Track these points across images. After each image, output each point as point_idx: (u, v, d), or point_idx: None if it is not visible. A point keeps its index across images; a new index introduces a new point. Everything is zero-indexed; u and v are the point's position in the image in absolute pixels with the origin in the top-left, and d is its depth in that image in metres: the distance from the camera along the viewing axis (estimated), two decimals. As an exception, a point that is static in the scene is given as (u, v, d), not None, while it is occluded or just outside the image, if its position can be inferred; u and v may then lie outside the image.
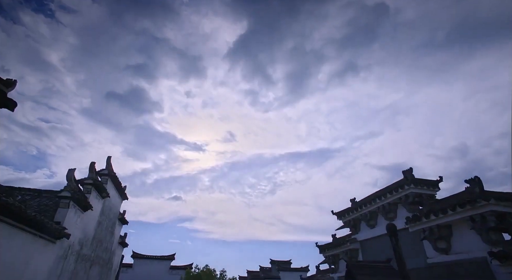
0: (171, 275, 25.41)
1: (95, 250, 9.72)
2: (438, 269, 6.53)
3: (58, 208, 7.30)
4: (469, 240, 6.05)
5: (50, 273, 6.81)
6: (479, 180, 5.70)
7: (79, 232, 8.13)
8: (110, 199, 10.69)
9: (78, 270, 8.44)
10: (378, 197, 8.47)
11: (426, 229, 6.80)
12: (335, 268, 10.51)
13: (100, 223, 9.94)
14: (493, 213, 5.45)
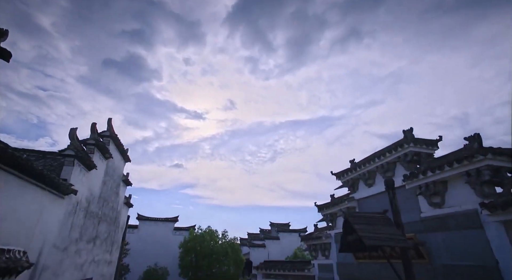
0: (175, 236, 26.76)
1: (102, 208, 10.13)
2: (431, 222, 6.86)
3: (64, 166, 7.46)
4: (463, 194, 6.28)
5: (61, 227, 7.16)
6: (478, 136, 5.75)
7: (85, 190, 8.40)
8: (113, 161, 10.89)
9: (87, 225, 8.87)
10: (377, 156, 8.62)
11: (422, 185, 7.02)
12: (332, 226, 11.04)
13: (105, 183, 10.23)
14: (489, 167, 5.59)
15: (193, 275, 22.84)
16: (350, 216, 5.20)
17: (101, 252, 10.55)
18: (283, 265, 13.58)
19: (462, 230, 6.11)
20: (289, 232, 29.78)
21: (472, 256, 5.85)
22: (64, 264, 7.48)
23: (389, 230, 4.97)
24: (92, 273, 9.76)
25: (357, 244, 5.29)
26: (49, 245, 6.61)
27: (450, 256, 6.31)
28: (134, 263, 22.77)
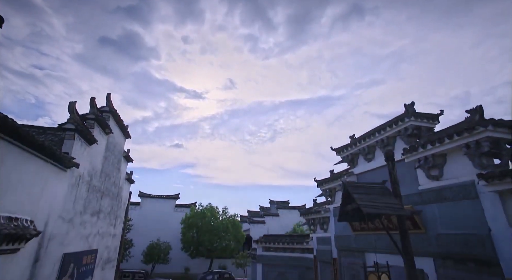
0: (176, 213, 27.38)
1: (104, 183, 10.28)
2: (428, 194, 7.00)
3: (64, 140, 7.47)
4: (461, 167, 6.36)
5: (65, 199, 7.30)
6: (480, 108, 5.73)
7: (87, 164, 8.47)
8: (113, 136, 10.90)
9: (90, 199, 9.04)
10: (378, 131, 8.64)
11: (421, 158, 7.10)
12: (331, 200, 11.28)
13: (106, 158, 10.30)
14: (489, 139, 5.61)
15: (195, 250, 23.71)
16: (350, 186, 5.30)
17: (105, 226, 10.85)
18: (283, 239, 14.04)
19: (458, 201, 6.25)
20: (288, 209, 30.53)
21: (466, 225, 6.03)
22: (70, 234, 7.70)
23: (387, 200, 5.08)
24: (98, 245, 10.09)
25: (356, 213, 5.44)
26: (55, 216, 6.77)
27: (444, 225, 6.50)
28: (137, 239, 23.50)
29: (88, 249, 9.10)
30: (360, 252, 9.32)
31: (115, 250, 12.57)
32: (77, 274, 8.31)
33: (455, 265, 6.27)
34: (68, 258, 7.61)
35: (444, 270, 6.49)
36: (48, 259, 6.60)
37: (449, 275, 6.35)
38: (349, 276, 9.75)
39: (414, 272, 4.80)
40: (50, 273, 6.77)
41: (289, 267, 13.37)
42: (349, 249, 9.89)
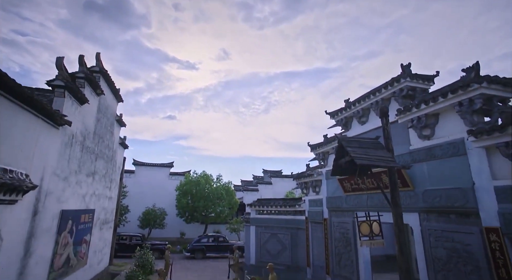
0: (171, 180, 27.74)
1: (98, 145, 10.22)
2: (418, 153, 7.20)
3: (54, 97, 7.26)
4: (452, 126, 6.49)
5: (59, 157, 7.27)
6: (477, 64, 5.71)
7: (79, 123, 8.33)
8: (105, 98, 10.64)
9: (85, 159, 9.03)
10: (373, 93, 8.63)
11: (414, 118, 7.19)
12: (324, 164, 11.55)
13: (99, 120, 10.14)
14: (482, 95, 5.68)
15: (190, 216, 24.45)
16: (343, 139, 5.38)
17: (101, 187, 10.98)
18: (276, 202, 14.53)
19: (446, 158, 6.47)
20: (281, 177, 31.32)
21: (451, 181, 6.30)
22: (66, 192, 7.79)
23: (380, 153, 5.20)
24: (94, 206, 10.28)
25: (349, 167, 5.59)
26: (50, 172, 6.77)
27: (432, 182, 6.78)
28: (133, 205, 24.00)
29: (85, 208, 9.28)
30: (350, 211, 9.75)
31: (111, 212, 12.87)
32: (76, 231, 8.55)
33: (438, 217, 6.66)
34: (66, 215, 7.78)
35: (427, 223, 6.89)
36: (47, 214, 6.72)
37: (431, 227, 6.75)
38: (339, 233, 10.30)
39: (401, 221, 5.06)
40: (50, 227, 6.93)
41: (282, 229, 14.00)
42: (339, 209, 10.34)
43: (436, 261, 6.58)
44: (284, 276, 12.82)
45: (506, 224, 5.19)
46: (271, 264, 9.84)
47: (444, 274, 6.38)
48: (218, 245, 20.42)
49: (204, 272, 16.39)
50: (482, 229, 5.62)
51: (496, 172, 5.52)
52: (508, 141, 5.11)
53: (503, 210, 5.27)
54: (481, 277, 5.62)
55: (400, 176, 7.23)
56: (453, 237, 6.25)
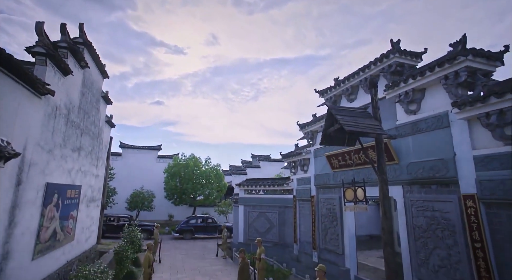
0: (159, 163, 27.47)
1: (83, 121, 9.94)
2: (404, 128, 7.40)
3: (35, 65, 6.94)
4: (438, 100, 6.67)
5: (43, 128, 7.03)
6: (464, 37, 5.82)
7: (63, 95, 8.04)
8: (90, 72, 10.27)
9: (70, 134, 8.79)
10: (362, 70, 8.70)
11: (401, 93, 7.34)
12: (312, 143, 11.71)
13: (84, 94, 9.82)
14: (467, 68, 5.83)
15: (178, 198, 24.46)
16: (333, 108, 5.44)
17: (87, 164, 10.77)
18: (264, 182, 14.72)
19: (430, 131, 6.68)
20: (270, 161, 31.61)
21: (434, 153, 6.54)
22: (51, 165, 7.61)
23: (368, 121, 5.31)
24: (81, 182, 10.12)
25: (338, 136, 5.69)
26: (33, 142, 6.57)
27: (416, 155, 7.02)
28: (121, 187, 23.74)
29: (71, 183, 9.12)
30: (337, 188, 10.02)
31: (98, 191, 12.71)
32: (62, 205, 8.43)
33: (420, 189, 6.94)
34: (52, 188, 7.63)
35: (410, 194, 7.18)
36: (31, 185, 6.57)
37: (414, 198, 7.05)
38: (326, 209, 10.60)
39: (387, 188, 5.25)
40: (35, 199, 6.80)
41: (270, 207, 14.27)
42: (327, 186, 10.59)
43: (416, 229, 6.92)
44: (272, 252, 13.18)
45: (482, 190, 5.47)
46: (259, 239, 10.08)
47: (423, 241, 6.72)
48: (207, 226, 20.65)
49: (192, 250, 16.63)
50: (460, 197, 5.91)
51: (476, 143, 5.77)
52: (489, 111, 5.31)
53: (480, 178, 5.54)
54: (456, 241, 5.97)
55: (386, 150, 7.43)
56: (433, 206, 6.56)
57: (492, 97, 5.18)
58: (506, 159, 5.15)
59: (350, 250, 9.37)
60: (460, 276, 5.85)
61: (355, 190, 5.25)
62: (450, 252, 6.08)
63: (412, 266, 6.97)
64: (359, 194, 5.24)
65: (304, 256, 11.76)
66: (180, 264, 13.33)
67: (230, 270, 12.40)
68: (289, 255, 12.75)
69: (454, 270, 5.98)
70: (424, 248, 6.69)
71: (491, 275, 5.23)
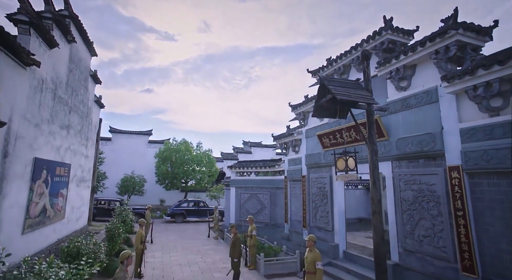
0: (149, 148, 27.21)
1: (71, 98, 9.70)
2: (395, 104, 7.51)
3: (18, 34, 6.66)
4: (428, 76, 6.78)
5: (29, 101, 6.82)
6: (455, 11, 5.87)
7: (49, 69, 7.79)
8: (77, 48, 9.95)
9: (57, 110, 8.57)
10: (355, 48, 8.71)
11: (393, 70, 7.41)
12: (304, 124, 11.78)
13: (71, 71, 9.53)
14: (457, 42, 5.91)
15: (169, 183, 24.43)
16: (325, 79, 5.46)
17: (77, 143, 10.59)
18: (256, 164, 14.82)
19: (420, 107, 6.81)
20: (261, 147, 31.74)
21: (423, 127, 6.69)
22: (39, 140, 7.44)
23: (360, 92, 5.36)
24: (70, 161, 9.96)
25: (330, 108, 5.74)
26: (19, 115, 6.39)
27: (405, 130, 7.17)
28: (111, 171, 23.50)
29: (60, 161, 8.97)
30: (328, 167, 10.19)
31: (89, 171, 12.57)
32: (51, 182, 8.31)
33: (408, 163, 7.13)
34: (40, 163, 7.49)
35: (398, 169, 7.38)
36: (18, 158, 6.43)
37: (402, 173, 7.25)
38: (316, 188, 10.80)
39: (376, 158, 5.36)
40: (23, 173, 6.67)
41: (261, 189, 14.44)
42: (318, 165, 10.76)
43: (403, 202, 7.15)
44: (263, 233, 13.43)
45: (466, 161, 5.67)
46: (251, 217, 10.24)
47: (409, 213, 6.97)
48: (199, 210, 20.79)
49: (184, 232, 16.79)
50: (446, 169, 6.12)
51: (463, 116, 5.92)
52: (476, 84, 5.44)
53: (465, 149, 5.73)
54: (440, 211, 6.21)
55: (377, 127, 7.54)
56: (420, 179, 6.77)
57: (480, 69, 5.29)
58: (490, 130, 5.33)
59: (339, 227, 9.63)
60: (442, 243, 6.12)
61: (347, 160, 5.35)
62: (434, 222, 6.34)
63: (398, 238, 7.25)
64: (350, 164, 5.35)
65: (295, 234, 12.04)
66: (172, 244, 13.47)
67: (221, 249, 12.61)
68: (279, 235, 13.03)
69: (437, 239, 6.26)
70: (410, 220, 6.94)
71: (470, 240, 5.50)
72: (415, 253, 6.75)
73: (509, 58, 4.86)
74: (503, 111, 5.26)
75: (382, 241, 5.14)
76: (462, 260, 5.59)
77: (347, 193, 12.48)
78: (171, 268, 9.67)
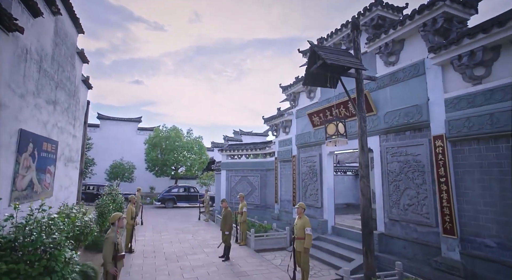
0: (139, 136, 26.91)
1: (58, 73, 9.44)
2: (383, 79, 7.66)
3: (0, -1, 6.41)
4: (415, 49, 6.93)
5: (12, 69, 6.61)
6: (444, -18, 5.97)
7: (33, 39, 7.54)
8: (63, 23, 9.63)
9: (43, 83, 8.35)
10: (345, 25, 8.78)
11: (382, 45, 7.52)
12: (294, 104, 11.87)
13: (57, 45, 9.25)
14: (444, 14, 6.05)
15: (159, 170, 24.29)
16: (316, 46, 5.52)
17: (64, 122, 10.36)
18: (246, 146, 14.89)
19: (407, 80, 6.98)
20: (252, 135, 31.83)
21: (410, 100, 6.88)
22: (25, 112, 7.26)
23: (350, 58, 5.45)
24: (57, 138, 9.75)
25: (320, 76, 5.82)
26: (2, 82, 6.20)
27: (393, 104, 7.35)
28: (99, 158, 23.16)
29: (47, 136, 8.79)
30: (318, 145, 10.36)
31: (77, 152, 12.34)
32: (38, 157, 8.15)
33: (395, 136, 7.34)
34: (26, 136, 7.33)
35: (386, 143, 7.58)
36: (3, 128, 6.26)
37: (389, 146, 7.46)
38: (306, 167, 10.98)
39: (365, 124, 5.49)
40: (8, 143, 6.51)
41: (252, 171, 14.56)
42: (308, 145, 10.91)
43: (390, 174, 7.38)
44: (253, 214, 13.60)
45: (450, 129, 5.89)
46: (241, 194, 10.36)
47: (395, 184, 7.21)
48: (189, 195, 20.82)
49: (175, 216, 16.83)
50: (431, 139, 6.33)
51: (447, 86, 6.11)
52: (461, 53, 5.61)
53: (449, 118, 5.94)
54: (425, 179, 6.46)
55: (366, 102, 7.68)
56: (406, 150, 6.99)
57: (465, 38, 5.45)
58: (473, 98, 5.53)
59: (328, 203, 9.87)
60: (426, 210, 6.39)
61: (337, 124, 5.47)
62: (419, 191, 6.59)
63: (384, 209, 7.50)
64: (340, 129, 5.47)
65: (285, 214, 12.26)
66: (163, 226, 13.51)
67: (212, 229, 12.74)
68: (270, 215, 13.23)
69: (421, 206, 6.52)
70: (396, 191, 7.18)
71: (451, 204, 5.76)
72: (400, 221, 7.01)
73: (492, 26, 5.03)
74: (485, 79, 5.46)
75: (369, 203, 5.32)
76: (444, 223, 5.86)
77: (336, 179, 12.78)
78: (162, 245, 9.74)
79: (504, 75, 5.16)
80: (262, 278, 6.63)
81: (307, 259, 6.06)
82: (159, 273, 6.87)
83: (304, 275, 6.04)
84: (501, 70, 5.24)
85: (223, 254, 8.09)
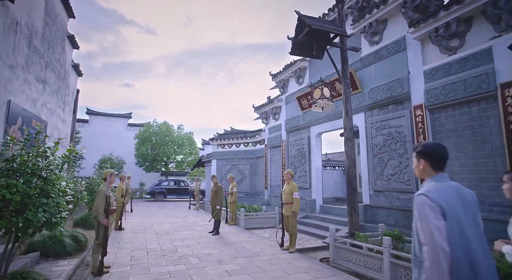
0: (129, 131, 26.69)
1: (48, 53, 9.45)
2: (368, 58, 8.02)
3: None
4: (397, 27, 7.31)
5: (2, 39, 6.63)
6: (421, -39, 6.39)
7: (23, 13, 7.58)
8: (54, 4, 9.68)
9: (33, 60, 8.34)
10: (332, 9, 9.14)
11: (366, 25, 7.89)
12: (284, 91, 12.15)
13: (47, 24, 9.28)
14: (423, -9, 6.45)
15: (149, 165, 24.13)
16: (303, 15, 5.80)
17: (54, 103, 10.33)
18: (237, 135, 15.06)
19: (390, 57, 7.34)
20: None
21: (392, 75, 7.23)
22: (14, 84, 7.26)
23: (334, 27, 5.75)
24: (47, 118, 9.72)
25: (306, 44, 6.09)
26: (-6, 49, 6.23)
27: (377, 80, 7.69)
28: (88, 153, 22.63)
29: (36, 114, 8.76)
30: (306, 128, 10.63)
31: (66, 137, 12.25)
32: (27, 133, 8.11)
33: (379, 111, 7.67)
34: (15, 108, 7.31)
35: (370, 118, 7.91)
36: (-7, 95, 6.28)
37: (373, 121, 7.78)
38: (295, 151, 11.22)
39: (349, 91, 5.78)
40: (-3, 112, 6.52)
41: (242, 159, 14.72)
42: (296, 128, 11.18)
43: (374, 148, 7.69)
44: (243, 201, 13.72)
45: (428, 98, 6.24)
46: (231, 175, 10.51)
47: (379, 156, 7.51)
48: (179, 188, 20.76)
49: (165, 207, 16.76)
50: (411, 110, 6.68)
51: (426, 59, 6.49)
52: (438, 26, 5.99)
53: (427, 88, 6.30)
54: (406, 148, 6.78)
55: (351, 80, 8.01)
56: (389, 123, 7.31)
57: (441, 11, 5.83)
58: (448, 67, 5.91)
59: (316, 183, 10.11)
60: (407, 177, 6.70)
61: (322, 89, 5.73)
62: (401, 160, 6.90)
63: (369, 182, 7.78)
64: (326, 93, 5.73)
65: (274, 198, 12.43)
66: (153, 213, 13.48)
67: (202, 215, 12.80)
68: (260, 202, 13.37)
69: (403, 174, 6.83)
70: (380, 163, 7.49)
71: (432, 168, 6.06)
72: (384, 192, 7.31)
73: (465, -2, 5.41)
74: (459, 49, 5.84)
75: (353, 164, 5.58)
76: (424, 187, 6.15)
77: (326, 174, 13.07)
78: (152, 226, 9.76)
79: (476, 44, 5.55)
80: (251, 245, 6.78)
81: (295, 223, 6.26)
82: (150, 243, 6.93)
83: (292, 239, 6.23)
84: (473, 40, 5.63)
85: (213, 229, 8.19)
